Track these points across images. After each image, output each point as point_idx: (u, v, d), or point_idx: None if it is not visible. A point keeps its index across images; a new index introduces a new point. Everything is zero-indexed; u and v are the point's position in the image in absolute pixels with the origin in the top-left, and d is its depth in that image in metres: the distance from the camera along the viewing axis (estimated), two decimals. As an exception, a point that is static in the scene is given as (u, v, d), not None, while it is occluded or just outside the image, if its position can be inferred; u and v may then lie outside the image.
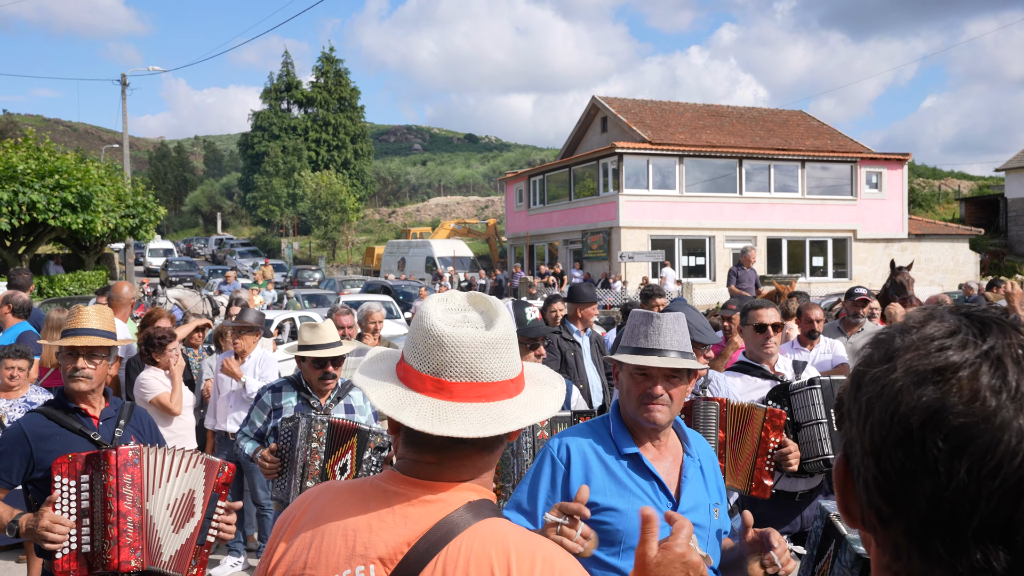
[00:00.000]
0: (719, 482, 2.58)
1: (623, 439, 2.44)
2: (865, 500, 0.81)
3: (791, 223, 32.58)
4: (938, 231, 36.16)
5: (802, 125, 36.30)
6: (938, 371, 0.76)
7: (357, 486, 1.47)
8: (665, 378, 2.40)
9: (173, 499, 3.14)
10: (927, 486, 0.74)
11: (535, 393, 1.49)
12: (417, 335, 1.44)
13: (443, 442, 1.38)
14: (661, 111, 35.12)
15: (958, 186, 55.08)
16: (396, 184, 78.69)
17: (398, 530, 1.37)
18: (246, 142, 65.42)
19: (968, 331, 0.78)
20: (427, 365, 1.42)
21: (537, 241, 37.38)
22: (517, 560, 1.32)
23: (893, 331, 0.83)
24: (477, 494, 1.42)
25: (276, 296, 22.89)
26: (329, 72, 64.14)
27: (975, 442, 0.73)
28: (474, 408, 1.39)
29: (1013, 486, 0.72)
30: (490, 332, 1.42)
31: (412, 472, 1.42)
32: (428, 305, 1.46)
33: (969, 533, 0.73)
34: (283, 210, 57.08)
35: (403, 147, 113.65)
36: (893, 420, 0.77)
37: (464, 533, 1.34)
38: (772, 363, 4.35)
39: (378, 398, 1.43)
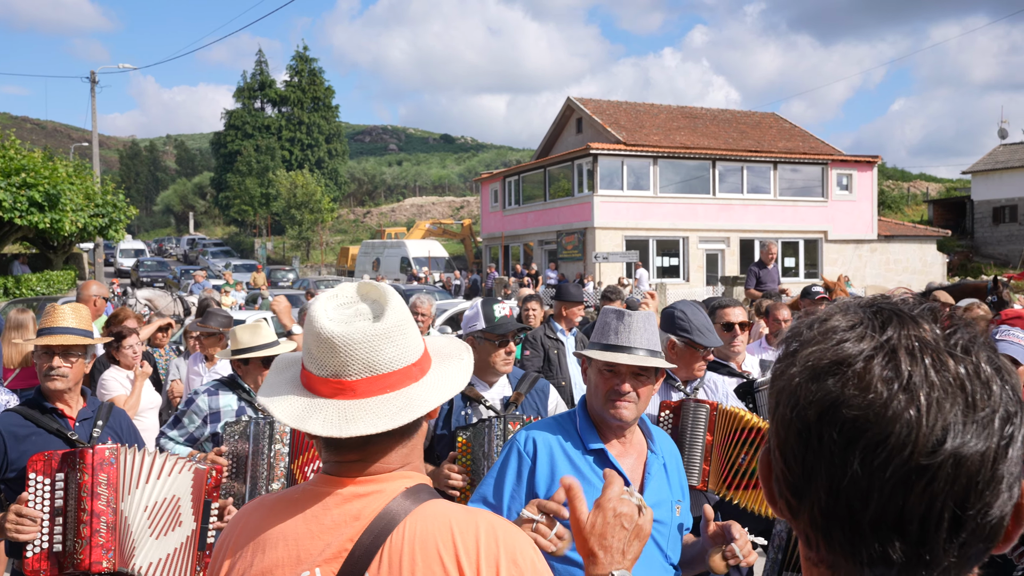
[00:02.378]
0: (682, 480, 2.60)
1: (589, 435, 2.45)
2: (777, 492, 0.82)
3: (763, 224, 32.85)
4: (906, 232, 36.65)
5: (774, 127, 36.63)
6: (834, 364, 0.76)
7: (290, 495, 1.45)
8: (633, 376, 2.41)
9: (152, 502, 3.08)
10: (825, 478, 0.75)
11: (442, 371, 1.49)
12: (310, 340, 1.42)
13: (359, 441, 1.38)
14: (635, 112, 35.28)
15: (926, 188, 55.88)
16: (371, 184, 78.33)
17: (339, 529, 1.36)
18: (219, 141, 64.85)
19: (869, 324, 0.79)
20: (325, 369, 1.41)
21: (512, 242, 37.39)
22: (461, 536, 1.32)
23: (802, 324, 0.84)
24: (412, 480, 1.42)
25: (247, 298, 22.68)
26: (303, 71, 63.77)
27: (867, 434, 0.73)
28: (380, 401, 1.39)
29: (903, 477, 0.72)
30: (381, 323, 1.41)
31: (340, 473, 1.42)
32: (317, 306, 1.44)
33: (865, 523, 0.74)
34: (256, 210, 56.62)
35: (378, 147, 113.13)
36: (793, 413, 0.78)
37: (406, 520, 1.34)
38: (739, 361, 4.37)
39: (281, 413, 1.41)
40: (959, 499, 0.73)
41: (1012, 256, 41.31)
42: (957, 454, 0.72)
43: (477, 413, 3.60)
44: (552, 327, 6.53)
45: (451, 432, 3.55)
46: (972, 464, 0.73)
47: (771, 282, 10.72)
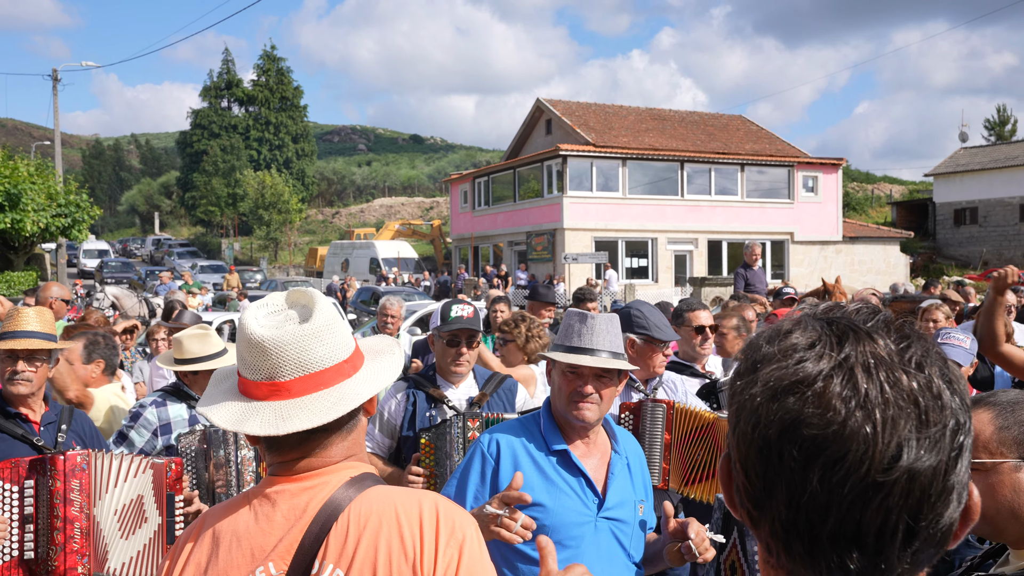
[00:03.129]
0: (645, 480, 2.63)
1: (553, 436, 2.47)
2: (738, 502, 0.84)
3: (731, 225, 33.16)
4: (871, 234, 37.21)
5: (741, 129, 36.99)
6: (795, 384, 0.78)
7: (241, 499, 1.50)
8: (596, 377, 2.44)
9: (121, 505, 3.07)
10: (785, 493, 0.77)
11: (374, 366, 1.55)
12: (242, 347, 1.48)
13: (300, 437, 1.43)
14: (604, 114, 35.43)
15: (890, 190, 56.77)
16: (340, 185, 77.84)
17: (289, 523, 1.41)
18: (185, 140, 64.11)
19: (827, 340, 0.81)
20: (259, 372, 1.46)
21: (482, 242, 37.37)
22: (404, 514, 1.38)
23: (762, 338, 0.85)
24: (356, 470, 1.47)
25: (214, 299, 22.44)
26: (271, 70, 63.23)
27: (826, 452, 0.75)
28: (314, 398, 1.44)
29: (861, 493, 0.75)
30: (309, 324, 1.46)
31: (284, 472, 1.47)
32: (247, 315, 1.50)
33: (824, 536, 0.76)
34: (223, 210, 56.00)
35: (347, 147, 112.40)
36: (755, 431, 0.79)
37: (350, 506, 1.40)
38: (703, 363, 4.42)
39: (219, 419, 1.46)
40: (913, 512, 0.75)
41: (973, 257, 42.11)
42: (911, 469, 0.75)
43: (442, 413, 3.58)
44: None
45: (416, 433, 3.53)
46: (925, 478, 0.75)
47: (759, 283, 10.41)
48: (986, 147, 47.92)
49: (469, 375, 3.73)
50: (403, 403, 3.60)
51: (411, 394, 3.60)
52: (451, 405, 3.58)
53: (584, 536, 2.37)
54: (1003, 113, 57.62)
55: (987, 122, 57.79)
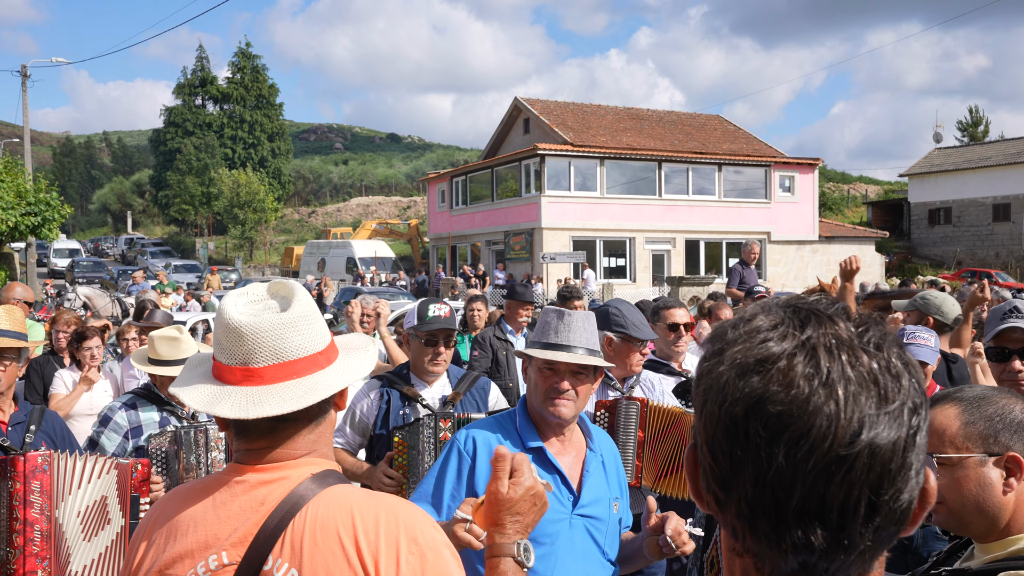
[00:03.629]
0: (620, 477, 2.64)
1: (528, 433, 2.48)
2: (704, 486, 0.86)
3: (708, 225, 33.33)
4: (846, 234, 37.55)
5: (719, 129, 37.18)
6: (759, 362, 0.81)
7: (202, 485, 1.51)
8: (572, 374, 2.44)
9: (84, 507, 3.02)
10: (751, 471, 0.79)
11: (347, 360, 1.57)
12: (219, 332, 1.50)
13: (268, 425, 1.45)
14: (582, 113, 35.48)
15: (865, 190, 57.37)
16: (317, 183, 77.43)
17: (246, 514, 1.42)
18: (158, 138, 63.51)
19: (790, 323, 0.83)
20: (234, 358, 1.48)
21: (460, 242, 37.29)
22: (361, 517, 1.39)
23: (727, 324, 0.88)
24: (318, 466, 1.48)
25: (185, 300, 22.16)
26: (246, 68, 62.74)
27: (790, 428, 0.78)
28: (286, 386, 1.46)
29: (825, 467, 0.77)
30: (287, 313, 1.49)
31: (249, 460, 1.48)
32: (227, 301, 1.52)
33: (790, 513, 0.78)
34: (197, 209, 55.48)
35: (324, 146, 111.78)
36: (721, 410, 0.81)
37: (309, 503, 1.40)
38: (680, 361, 4.47)
39: (192, 399, 1.48)
40: (874, 486, 0.78)
41: (947, 257, 42.63)
42: (872, 444, 0.77)
43: (415, 412, 3.61)
44: (502, 328, 6.56)
45: (389, 432, 3.54)
46: (885, 453, 0.78)
47: (753, 280, 10.38)
48: (960, 148, 48.55)
49: (443, 374, 3.75)
50: (376, 401, 3.64)
51: (385, 392, 3.64)
52: (425, 404, 3.61)
53: (559, 533, 2.36)
54: (976, 114, 58.41)
55: (960, 123, 58.59)
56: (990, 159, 43.19)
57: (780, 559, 0.80)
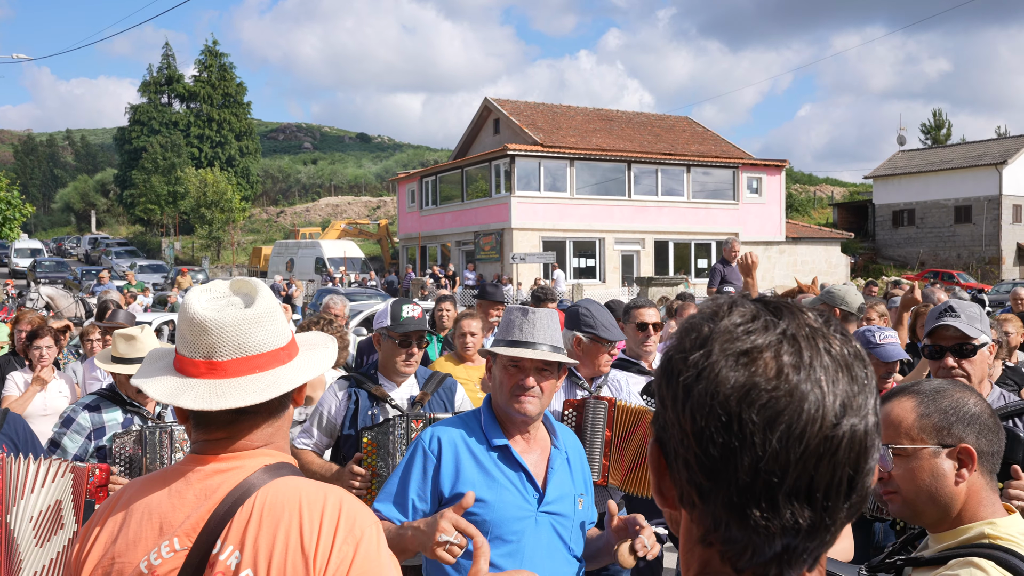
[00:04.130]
0: (585, 474, 2.65)
1: (493, 431, 2.48)
2: (686, 478, 0.86)
3: (677, 226, 33.56)
4: (813, 235, 38.02)
5: (687, 131, 37.47)
6: (747, 353, 0.84)
7: (159, 475, 1.54)
8: (537, 371, 2.45)
9: (38, 511, 2.94)
10: (746, 459, 0.81)
11: (308, 356, 1.61)
12: (184, 326, 1.53)
13: (228, 417, 1.49)
14: (552, 114, 35.56)
15: (831, 192, 58.14)
16: (285, 183, 76.78)
17: (200, 502, 1.46)
18: (123, 137, 62.51)
19: (765, 315, 0.87)
20: (198, 351, 1.51)
21: (429, 242, 37.20)
22: (307, 506, 1.43)
23: (700, 319, 0.90)
24: (273, 458, 1.52)
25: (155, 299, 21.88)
26: (213, 66, 61.97)
27: (784, 413, 0.81)
28: (249, 380, 1.50)
29: (815, 448, 0.81)
30: (251, 309, 1.53)
31: (206, 451, 1.52)
32: (191, 297, 1.55)
33: (780, 497, 0.81)
34: (163, 208, 54.73)
35: (293, 145, 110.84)
36: (713, 400, 0.83)
37: (258, 492, 1.45)
38: (650, 360, 4.48)
39: (154, 391, 1.51)
40: (855, 464, 0.83)
41: (910, 258, 43.33)
42: (853, 424, 0.83)
43: (384, 412, 3.60)
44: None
45: (357, 432, 3.53)
46: (863, 433, 0.83)
47: (736, 279, 10.21)
48: (923, 150, 49.39)
49: (411, 375, 3.75)
50: (344, 402, 3.62)
51: (353, 393, 3.63)
52: (394, 404, 3.61)
53: (525, 531, 2.37)
54: (939, 117, 59.47)
55: (924, 126, 59.63)
56: (952, 162, 43.98)
57: (765, 544, 0.83)
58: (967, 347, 2.85)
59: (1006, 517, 1.68)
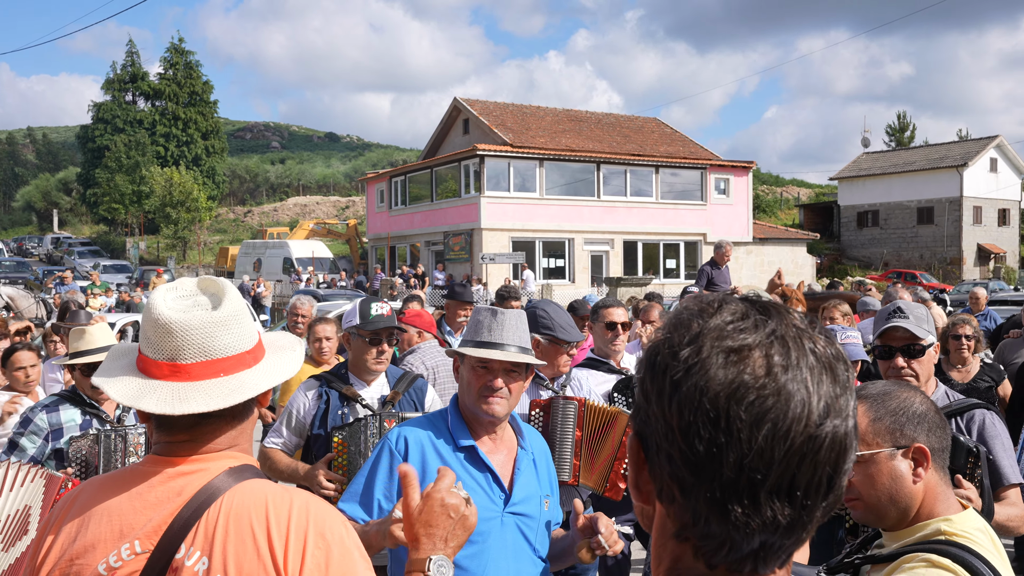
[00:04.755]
0: (551, 475, 2.65)
1: (460, 432, 2.48)
2: (668, 472, 0.87)
3: (646, 226, 33.75)
4: (779, 235, 38.43)
5: (656, 132, 37.70)
6: (737, 351, 0.85)
7: (119, 476, 1.51)
8: (505, 372, 2.45)
9: (6, 515, 2.92)
10: (731, 455, 0.82)
11: (274, 359, 1.59)
12: (148, 327, 1.50)
13: (191, 420, 1.46)
14: (522, 114, 35.58)
15: (797, 193, 58.82)
16: (253, 183, 75.96)
17: (162, 505, 1.43)
18: (86, 135, 61.35)
19: (755, 314, 0.88)
20: (162, 352, 1.48)
21: (399, 242, 37.05)
22: (274, 510, 1.41)
23: (688, 315, 0.90)
24: (237, 460, 1.50)
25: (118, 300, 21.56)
26: (179, 64, 61.07)
27: (771, 412, 0.82)
28: (213, 384, 1.47)
29: (799, 447, 0.82)
30: (218, 312, 1.50)
31: (168, 453, 1.49)
32: (156, 296, 1.52)
33: (763, 493, 0.82)
34: (128, 208, 53.86)
35: (260, 144, 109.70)
36: (703, 397, 0.83)
37: (224, 495, 1.43)
38: (618, 359, 4.52)
39: (116, 392, 1.48)
40: (835, 464, 0.84)
41: (875, 258, 43.99)
42: (835, 425, 0.84)
43: (354, 412, 3.59)
44: (441, 329, 6.49)
45: (327, 432, 3.51)
46: (844, 433, 0.85)
47: (723, 283, 10.23)
48: (887, 152, 50.16)
49: (381, 374, 3.75)
50: (315, 401, 3.62)
51: (323, 392, 3.62)
52: (365, 404, 3.60)
53: (490, 531, 2.37)
54: (903, 120, 60.45)
55: (889, 128, 60.56)
56: (914, 164, 44.72)
57: (743, 540, 0.84)
58: (916, 347, 2.91)
59: (961, 513, 1.71)
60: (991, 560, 1.59)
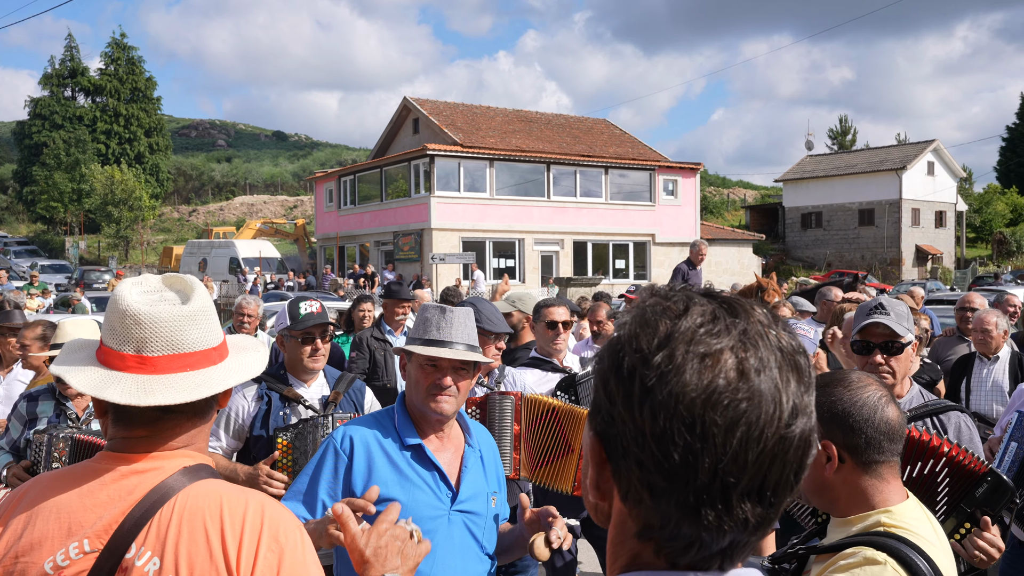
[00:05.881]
0: (498, 471, 2.66)
1: (407, 430, 2.46)
2: (638, 477, 0.85)
3: (596, 227, 33.98)
4: (726, 236, 39.02)
5: (605, 133, 37.97)
6: (711, 355, 0.84)
7: (69, 472, 1.49)
8: (454, 370, 2.44)
9: None
10: (707, 461, 0.82)
11: (239, 358, 1.58)
12: (114, 318, 1.48)
13: (153, 415, 1.44)
14: (472, 114, 35.54)
15: (744, 195, 59.84)
16: (198, 181, 74.51)
17: (113, 504, 1.41)
18: (22, 131, 59.47)
19: (724, 315, 0.87)
20: (128, 344, 1.46)
21: (348, 242, 36.70)
22: (229, 511, 1.40)
23: (654, 315, 0.88)
24: (192, 459, 1.48)
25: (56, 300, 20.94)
26: (120, 59, 59.59)
27: (746, 415, 0.82)
28: (180, 378, 1.46)
29: (771, 449, 0.83)
30: (187, 306, 1.49)
31: (124, 449, 1.46)
32: (123, 289, 1.50)
33: (735, 496, 0.83)
34: (67, 206, 52.41)
35: (206, 143, 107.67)
36: (679, 404, 0.82)
37: (178, 495, 1.41)
38: (561, 358, 4.56)
39: (79, 382, 1.44)
40: (799, 462, 0.85)
41: (818, 259, 44.93)
42: (802, 423, 0.85)
43: (296, 413, 3.56)
44: (381, 328, 6.44)
45: (269, 434, 3.46)
46: (808, 431, 0.85)
47: (698, 283, 9.70)
48: (829, 155, 51.28)
49: (320, 374, 3.72)
50: (255, 403, 3.57)
51: (264, 394, 3.58)
52: (308, 405, 3.56)
53: (437, 529, 2.36)
54: (845, 123, 61.90)
55: (831, 131, 61.94)
56: (856, 167, 45.80)
57: (714, 541, 0.84)
58: (895, 344, 2.89)
59: (901, 504, 1.75)
60: (930, 550, 1.62)
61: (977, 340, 5.55)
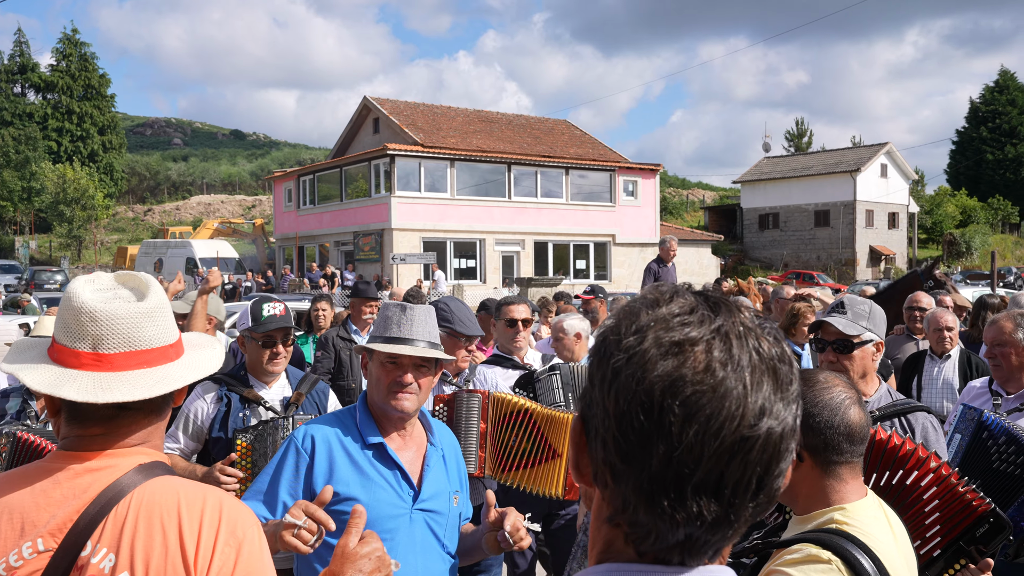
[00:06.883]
0: (461, 470, 2.65)
1: (369, 429, 2.45)
2: (601, 457, 0.87)
3: (556, 227, 34.10)
4: (685, 237, 39.41)
5: (566, 134, 38.12)
6: (679, 344, 0.84)
7: (20, 472, 1.46)
8: (415, 367, 2.44)
9: None
10: (661, 447, 0.82)
11: (196, 355, 1.58)
12: (68, 315, 1.46)
13: (108, 412, 1.43)
14: (432, 114, 35.44)
15: (703, 196, 60.51)
16: (154, 180, 73.22)
17: (67, 502, 1.39)
18: (-30, 128, 57.99)
19: (704, 309, 0.88)
20: (83, 341, 1.44)
21: (307, 242, 36.37)
22: (187, 507, 1.39)
23: (639, 305, 0.90)
24: (148, 456, 1.47)
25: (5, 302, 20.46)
26: (72, 55, 58.34)
27: (705, 409, 0.82)
28: (137, 375, 1.45)
29: (729, 446, 0.83)
30: (143, 303, 1.49)
31: (78, 447, 1.45)
32: (76, 287, 1.48)
33: (689, 488, 0.83)
34: (17, 205, 51.18)
35: (162, 141, 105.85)
36: (639, 387, 0.84)
37: (133, 492, 1.40)
38: (521, 355, 4.59)
39: (32, 380, 1.42)
40: (766, 465, 0.84)
41: (775, 259, 45.59)
42: (770, 427, 0.84)
43: (256, 415, 3.51)
44: (347, 328, 6.41)
45: (228, 435, 3.42)
46: (779, 436, 0.85)
47: (672, 279, 9.69)
48: (786, 157, 52.06)
49: (282, 375, 3.68)
50: (214, 404, 3.53)
51: (223, 395, 3.53)
52: (268, 406, 3.52)
53: (399, 528, 2.36)
54: (801, 126, 62.85)
55: (788, 134, 62.87)
56: (811, 169, 46.57)
57: (669, 531, 0.84)
58: (845, 343, 2.93)
59: (857, 501, 1.76)
60: (879, 548, 1.63)
61: (933, 339, 5.66)
